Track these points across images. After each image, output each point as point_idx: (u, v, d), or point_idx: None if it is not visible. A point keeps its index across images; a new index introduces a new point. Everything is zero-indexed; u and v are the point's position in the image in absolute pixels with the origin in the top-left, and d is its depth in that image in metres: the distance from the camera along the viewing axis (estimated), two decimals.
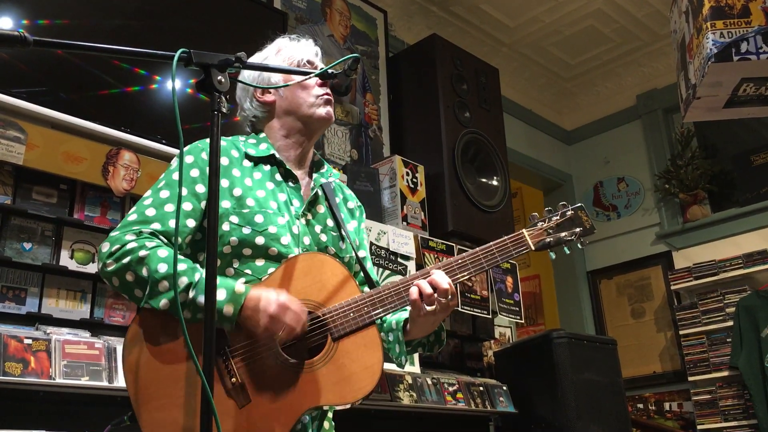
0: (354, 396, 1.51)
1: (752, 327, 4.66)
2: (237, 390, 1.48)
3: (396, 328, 1.71)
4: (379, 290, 1.61)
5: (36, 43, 1.25)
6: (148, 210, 1.59)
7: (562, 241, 1.74)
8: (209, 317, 1.28)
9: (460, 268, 1.67)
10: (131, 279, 1.49)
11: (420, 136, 4.31)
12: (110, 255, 1.51)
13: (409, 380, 3.44)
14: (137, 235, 1.53)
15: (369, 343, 1.56)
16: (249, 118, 1.84)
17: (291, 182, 1.76)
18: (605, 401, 3.88)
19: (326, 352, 1.54)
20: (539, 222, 1.76)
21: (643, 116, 6.08)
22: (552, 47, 5.82)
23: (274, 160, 1.75)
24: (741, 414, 4.77)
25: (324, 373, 1.52)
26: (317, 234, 1.73)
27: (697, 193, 5.50)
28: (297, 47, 1.84)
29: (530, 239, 1.72)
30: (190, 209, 1.60)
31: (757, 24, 2.48)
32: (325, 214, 1.78)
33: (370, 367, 1.54)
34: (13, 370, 2.22)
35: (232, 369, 1.49)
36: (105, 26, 3.06)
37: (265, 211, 1.64)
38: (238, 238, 1.59)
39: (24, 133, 2.61)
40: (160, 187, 1.63)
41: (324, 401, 1.51)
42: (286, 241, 1.63)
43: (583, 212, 1.77)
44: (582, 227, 1.75)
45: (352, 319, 1.56)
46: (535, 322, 6.60)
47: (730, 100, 2.74)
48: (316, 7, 4.28)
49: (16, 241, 2.58)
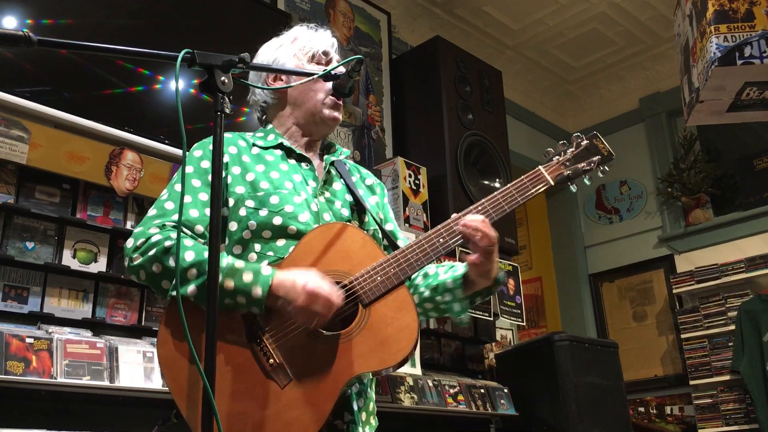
0: (394, 358, 1.49)
1: (754, 331, 4.65)
2: (276, 371, 1.47)
3: (453, 287, 1.68)
4: (403, 250, 1.59)
5: (40, 42, 1.26)
6: (167, 204, 1.60)
7: (580, 171, 1.69)
8: (211, 307, 1.27)
9: (480, 212, 1.64)
10: (158, 270, 1.50)
11: (423, 138, 4.31)
12: (135, 249, 1.52)
13: (410, 382, 3.43)
14: (161, 228, 1.54)
15: (401, 304, 1.54)
16: (260, 103, 1.84)
17: (304, 164, 1.75)
18: (606, 404, 3.88)
19: (359, 319, 1.52)
20: (555, 156, 1.72)
21: (646, 119, 6.07)
22: (555, 50, 5.82)
23: (283, 146, 1.76)
24: (742, 418, 4.76)
25: (360, 341, 1.50)
26: (338, 209, 1.71)
27: (699, 196, 5.50)
28: (314, 37, 1.82)
29: (548, 174, 1.68)
30: (206, 199, 1.60)
31: (761, 28, 2.48)
32: (342, 191, 1.77)
33: (406, 328, 1.51)
34: (15, 369, 2.22)
35: (268, 350, 1.47)
36: (109, 26, 3.06)
37: (280, 192, 1.64)
38: (256, 222, 1.59)
39: (27, 132, 2.62)
40: (174, 183, 1.66)
41: (365, 368, 1.49)
42: (305, 218, 1.62)
43: (598, 140, 1.73)
44: (600, 155, 1.71)
45: (381, 283, 1.54)
46: (537, 324, 6.59)
47: (734, 103, 2.74)
48: (320, 8, 4.29)
49: (18, 240, 2.59)
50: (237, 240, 1.61)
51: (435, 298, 1.73)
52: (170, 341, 1.48)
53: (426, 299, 1.75)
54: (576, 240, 6.20)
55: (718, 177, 5.54)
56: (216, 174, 1.36)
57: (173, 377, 1.46)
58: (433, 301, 1.74)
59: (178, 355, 1.47)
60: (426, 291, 1.75)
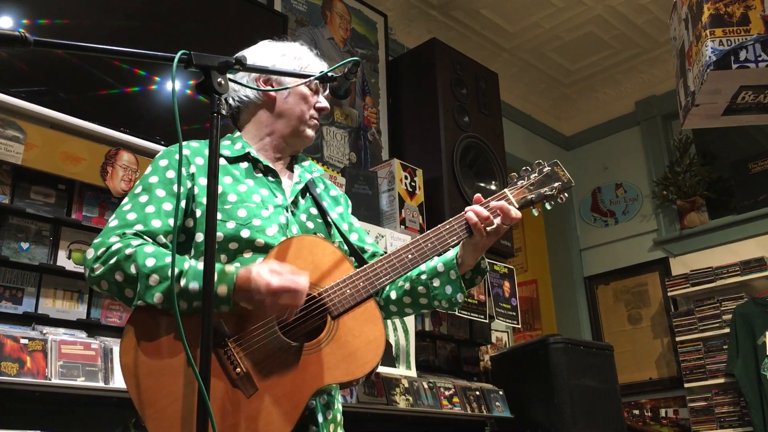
0: (361, 371, 1.51)
1: (748, 334, 4.66)
2: (243, 380, 1.46)
3: (444, 270, 1.70)
4: (373, 264, 1.61)
5: (36, 43, 1.26)
6: (128, 214, 1.58)
7: (542, 196, 1.75)
8: (207, 306, 1.27)
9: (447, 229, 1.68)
10: (120, 279, 1.48)
11: (419, 140, 4.31)
12: (96, 259, 1.50)
13: (405, 384, 3.43)
14: (121, 237, 1.52)
15: (369, 317, 1.56)
16: (240, 97, 1.81)
17: (271, 177, 1.76)
18: (601, 407, 3.88)
19: (328, 331, 1.53)
20: (519, 180, 1.78)
21: (641, 123, 6.09)
22: (552, 53, 5.83)
23: (250, 158, 1.75)
24: (737, 421, 4.76)
25: (328, 352, 1.51)
26: (303, 222, 1.73)
27: (694, 200, 5.51)
28: (314, 64, 1.83)
29: (513, 197, 1.73)
30: (170, 209, 1.60)
31: (756, 32, 2.49)
32: (307, 204, 1.78)
33: (373, 341, 1.53)
34: (9, 370, 2.21)
35: (235, 359, 1.47)
36: (105, 27, 3.06)
37: (248, 205, 1.64)
38: (223, 234, 1.59)
39: (23, 132, 2.61)
40: (137, 193, 1.63)
41: (332, 380, 1.50)
42: (272, 232, 1.63)
43: (559, 168, 1.80)
44: (560, 182, 1.77)
45: (350, 296, 1.56)
46: (532, 327, 6.59)
47: (729, 107, 2.75)
48: (317, 9, 4.29)
49: (13, 241, 2.58)
50: (204, 251, 1.60)
51: (417, 289, 1.74)
52: (135, 349, 1.47)
53: (405, 292, 1.76)
54: (571, 242, 6.20)
55: (714, 180, 5.55)
56: (212, 175, 1.36)
57: (138, 386, 1.45)
58: (413, 293, 1.75)
59: (144, 362, 1.46)
60: (406, 284, 1.76)
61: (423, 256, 1.65)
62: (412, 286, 1.75)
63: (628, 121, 6.18)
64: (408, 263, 1.63)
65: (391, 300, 1.79)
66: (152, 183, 1.63)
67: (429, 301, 1.74)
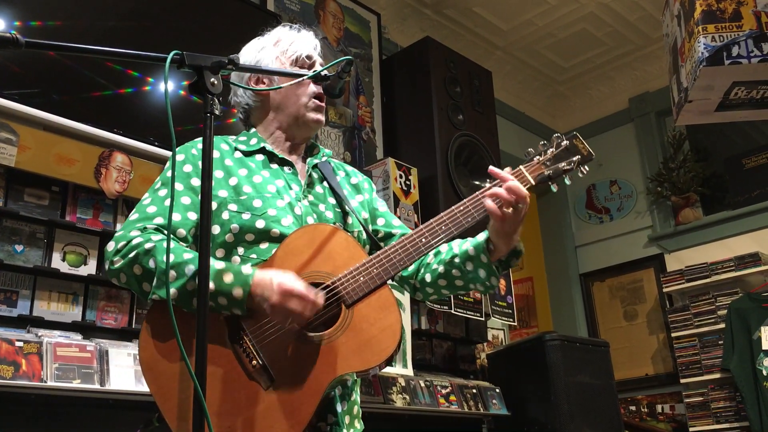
0: (378, 358, 1.49)
1: (744, 329, 4.68)
2: (259, 372, 1.46)
3: (475, 254, 1.66)
4: (386, 250, 1.59)
5: (28, 44, 1.25)
6: (149, 208, 1.60)
7: (560, 171, 1.69)
8: (202, 311, 1.27)
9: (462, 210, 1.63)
10: (139, 272, 1.49)
11: (413, 139, 4.31)
12: (116, 252, 1.51)
13: (402, 383, 3.43)
14: (142, 231, 1.54)
15: (384, 304, 1.54)
16: (242, 105, 1.83)
17: (287, 168, 1.75)
18: (598, 403, 3.89)
19: (342, 320, 1.52)
20: (535, 156, 1.71)
21: (635, 119, 6.10)
22: (545, 50, 5.84)
23: (266, 151, 1.75)
24: (733, 416, 4.78)
25: (343, 342, 1.50)
26: (322, 212, 1.71)
27: (689, 196, 5.52)
28: (297, 40, 1.81)
29: (529, 174, 1.68)
30: (189, 203, 1.61)
31: (749, 28, 2.50)
32: (326, 193, 1.77)
33: (389, 327, 1.51)
34: (5, 373, 2.21)
35: (251, 352, 1.47)
36: (98, 28, 3.05)
37: (263, 195, 1.64)
38: (238, 225, 1.59)
39: (16, 134, 2.60)
40: (157, 188, 1.65)
41: (348, 369, 1.48)
42: (287, 222, 1.62)
43: (578, 140, 1.73)
44: (580, 155, 1.71)
45: (363, 283, 1.54)
46: (528, 324, 6.60)
47: (722, 103, 2.76)
48: (310, 9, 4.28)
49: (7, 243, 2.57)
50: (220, 243, 1.61)
51: (451, 272, 1.70)
52: (153, 344, 1.48)
53: (440, 275, 1.73)
54: (567, 240, 6.21)
55: (708, 176, 5.57)
56: (206, 175, 1.35)
57: (156, 380, 1.46)
58: (448, 276, 1.71)
59: (161, 357, 1.46)
60: (440, 267, 1.73)
61: (437, 238, 1.61)
62: (446, 269, 1.71)
63: (621, 118, 6.19)
64: (422, 247, 1.60)
65: (427, 282, 1.76)
66: (170, 177, 1.63)
67: (465, 283, 1.71)
